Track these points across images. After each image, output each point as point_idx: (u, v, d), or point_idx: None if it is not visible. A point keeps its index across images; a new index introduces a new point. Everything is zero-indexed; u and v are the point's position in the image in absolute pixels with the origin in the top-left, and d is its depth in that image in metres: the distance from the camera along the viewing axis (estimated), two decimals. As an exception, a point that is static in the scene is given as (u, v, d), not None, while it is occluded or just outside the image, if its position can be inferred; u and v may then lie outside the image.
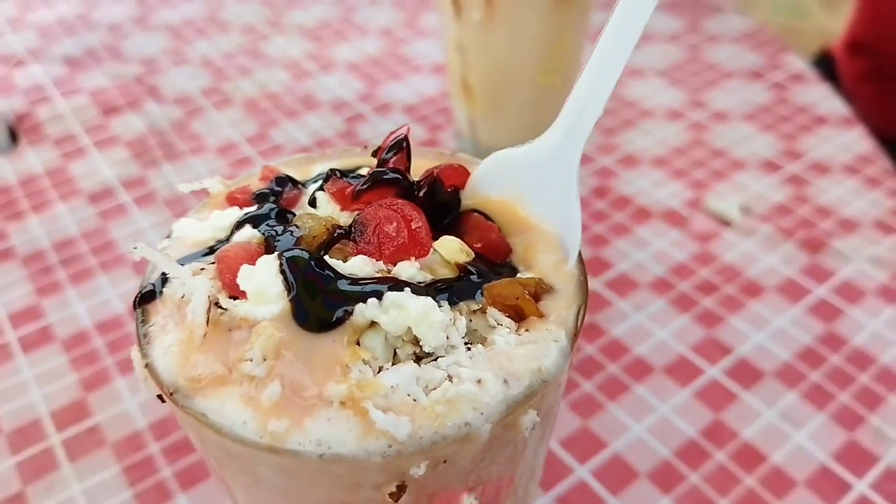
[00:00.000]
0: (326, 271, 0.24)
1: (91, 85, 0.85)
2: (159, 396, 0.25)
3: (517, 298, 0.24)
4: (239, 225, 0.28)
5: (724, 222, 0.66)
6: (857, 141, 0.75)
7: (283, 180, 0.30)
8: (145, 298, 0.26)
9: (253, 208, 0.29)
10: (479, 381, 0.22)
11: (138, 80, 0.86)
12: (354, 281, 0.24)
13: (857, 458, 0.48)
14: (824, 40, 1.52)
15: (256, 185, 0.31)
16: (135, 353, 0.25)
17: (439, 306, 0.24)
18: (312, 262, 0.24)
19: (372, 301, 0.23)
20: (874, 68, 1.29)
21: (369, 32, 0.94)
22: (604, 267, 0.62)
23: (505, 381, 0.22)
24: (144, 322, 0.26)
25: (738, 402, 0.51)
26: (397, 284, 0.24)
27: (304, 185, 0.31)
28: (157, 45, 0.92)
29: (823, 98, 0.81)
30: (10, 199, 0.69)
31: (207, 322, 0.24)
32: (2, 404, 0.52)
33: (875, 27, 1.27)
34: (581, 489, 0.47)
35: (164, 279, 0.27)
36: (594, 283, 0.60)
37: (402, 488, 0.22)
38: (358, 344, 0.23)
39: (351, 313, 0.23)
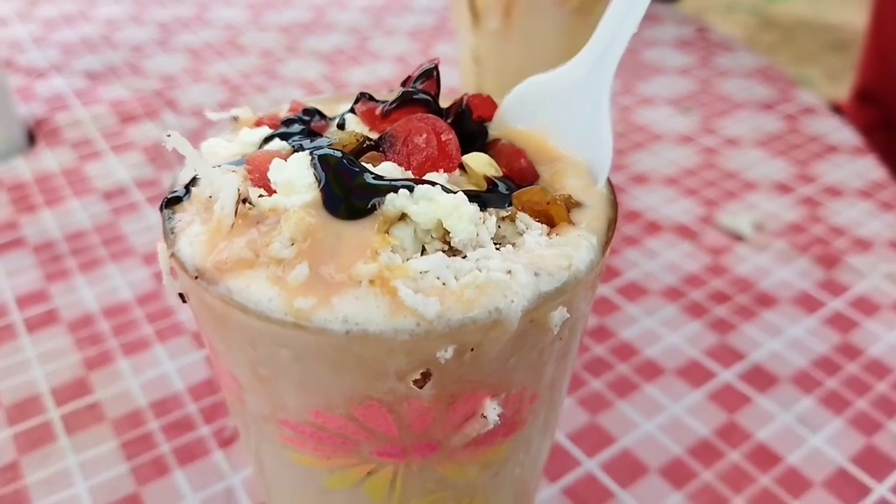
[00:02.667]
0: (357, 168, 0.24)
1: (111, 97, 0.86)
2: (181, 296, 0.25)
3: (548, 203, 0.24)
4: (267, 140, 0.28)
5: (737, 237, 0.66)
6: (870, 169, 0.75)
7: (312, 111, 0.30)
8: (172, 202, 0.26)
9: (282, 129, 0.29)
10: (509, 272, 0.22)
11: (157, 94, 0.87)
12: (384, 179, 0.24)
13: (876, 462, 0.47)
14: (831, 101, 1.54)
15: (285, 115, 0.31)
16: (160, 245, 0.25)
17: None
18: (344, 160, 0.24)
19: (403, 192, 0.23)
20: (884, 117, 1.30)
21: (383, 59, 0.96)
22: (613, 275, 0.61)
23: (536, 274, 0.22)
24: (171, 219, 0.25)
25: (752, 404, 0.50)
26: (428, 183, 0.24)
27: (332, 118, 0.31)
28: (177, 64, 0.94)
29: (835, 129, 0.82)
30: (25, 194, 0.70)
31: (236, 213, 0.23)
32: (2, 380, 0.51)
33: (883, 76, 1.29)
34: (589, 481, 0.45)
35: (191, 184, 0.26)
36: (603, 289, 0.60)
37: (426, 376, 0.22)
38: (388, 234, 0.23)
39: (381, 203, 0.23)
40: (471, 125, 0.28)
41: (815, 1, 2.95)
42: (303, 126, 0.29)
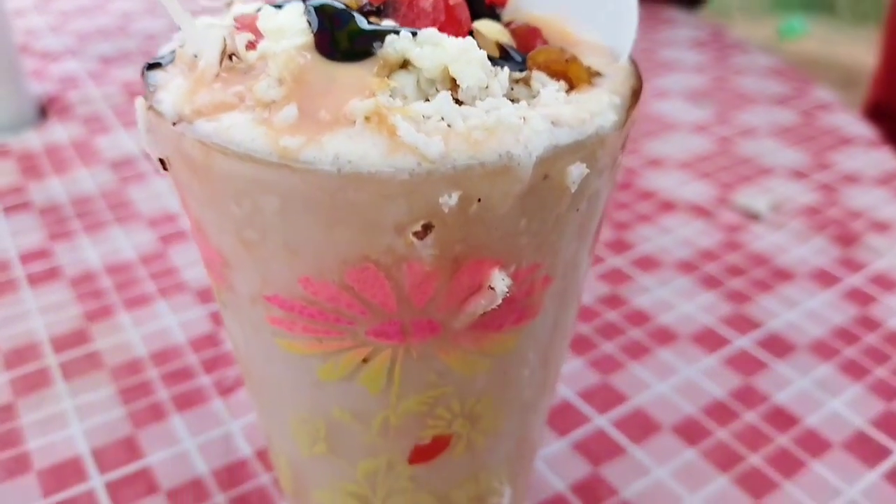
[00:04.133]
0: (354, 14, 0.22)
1: (123, 78, 0.86)
2: (161, 163, 0.24)
3: (567, 61, 0.23)
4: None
5: (753, 217, 0.64)
6: (886, 160, 0.74)
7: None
8: (154, 66, 0.25)
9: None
10: (523, 119, 0.20)
11: (171, 77, 0.87)
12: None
13: (897, 427, 0.45)
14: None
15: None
16: (138, 101, 0.23)
17: None
18: (340, 8, 0.22)
19: (405, 34, 0.22)
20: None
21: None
22: (625, 247, 0.60)
23: (553, 123, 0.20)
24: (151, 77, 0.24)
25: (769, 369, 0.49)
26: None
27: None
28: (192, 52, 0.94)
29: (850, 123, 0.81)
30: (34, 163, 0.69)
31: (220, 63, 0.22)
32: (2, 328, 0.50)
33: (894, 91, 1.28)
34: (600, 437, 0.44)
35: (175, 51, 0.25)
36: (615, 261, 0.58)
37: (428, 228, 0.20)
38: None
39: (381, 46, 0.21)
40: (482, 11, 0.27)
41: (825, 40, 2.96)
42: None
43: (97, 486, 0.40)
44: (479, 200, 0.20)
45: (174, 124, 0.21)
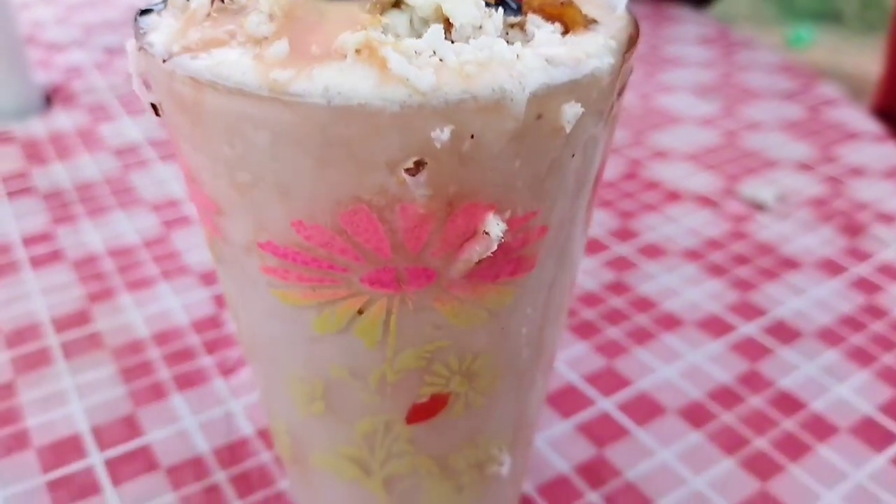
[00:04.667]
0: None
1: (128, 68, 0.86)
2: (153, 108, 0.23)
3: (563, 4, 0.22)
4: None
5: (758, 207, 0.64)
6: (892, 154, 0.73)
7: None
8: (145, 12, 0.24)
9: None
10: (517, 55, 0.20)
11: (176, 69, 0.87)
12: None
13: (905, 413, 0.44)
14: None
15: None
16: (129, 43, 0.23)
17: None
18: None
19: None
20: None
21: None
22: (630, 235, 0.60)
23: (547, 61, 0.20)
24: (143, 22, 0.23)
25: (775, 355, 0.48)
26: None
27: None
28: (197, 45, 0.94)
29: (857, 119, 0.81)
30: (37, 150, 0.69)
31: (212, 3, 0.22)
32: (3, 309, 0.50)
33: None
34: (604, 419, 0.43)
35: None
36: (620, 248, 0.58)
37: (420, 164, 0.19)
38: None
39: None
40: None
41: (833, 50, 2.96)
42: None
43: (96, 463, 0.40)
44: (472, 137, 0.19)
45: (164, 62, 0.21)
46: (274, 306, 0.23)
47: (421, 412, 0.25)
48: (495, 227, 0.20)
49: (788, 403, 0.45)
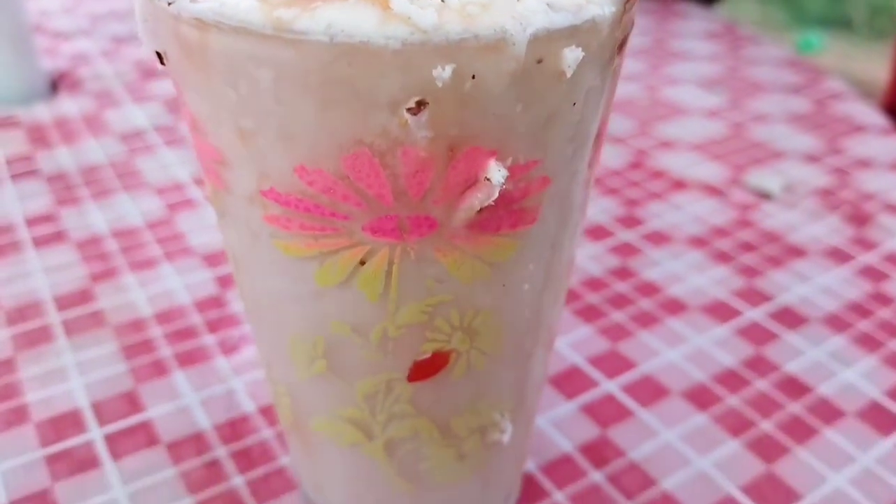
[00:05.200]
0: None
1: (136, 57, 0.87)
2: (158, 56, 0.23)
3: None
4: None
5: (765, 196, 0.64)
6: (901, 146, 0.73)
7: None
8: None
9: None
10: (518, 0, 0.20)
11: (182, 58, 0.87)
12: None
13: (912, 398, 0.44)
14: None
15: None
16: None
17: None
18: None
19: None
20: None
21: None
22: (636, 223, 0.59)
23: (548, 5, 0.20)
24: None
25: (781, 340, 0.48)
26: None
27: None
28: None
29: (863, 112, 0.80)
30: (43, 134, 0.69)
31: None
32: (5, 286, 0.50)
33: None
34: (608, 401, 0.43)
35: None
36: (624, 235, 0.58)
37: (421, 104, 0.19)
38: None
39: None
40: None
41: (843, 55, 2.95)
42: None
43: (96, 438, 0.40)
44: (473, 77, 0.19)
45: (170, 4, 0.21)
46: (276, 259, 0.23)
47: (422, 370, 0.24)
48: (497, 173, 0.20)
49: (795, 387, 0.44)
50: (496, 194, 0.20)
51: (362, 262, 0.22)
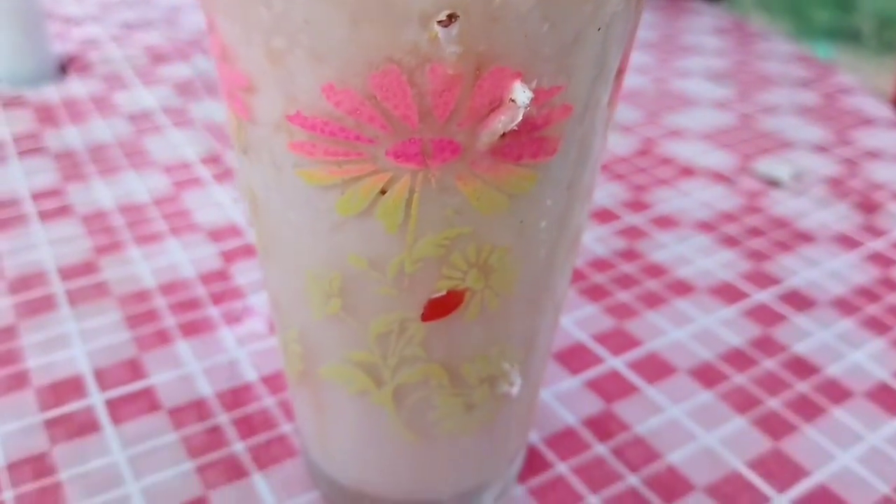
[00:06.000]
0: None
1: (146, 42, 0.87)
2: None
3: None
4: None
5: (773, 183, 0.63)
6: (911, 138, 0.73)
7: None
8: None
9: None
10: None
11: (191, 43, 0.87)
12: None
13: (921, 380, 0.43)
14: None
15: None
16: None
17: None
18: None
19: None
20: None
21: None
22: (643, 207, 0.59)
23: None
24: None
25: (789, 322, 0.47)
26: None
27: None
28: (212, 23, 0.95)
29: (872, 105, 0.80)
30: (50, 114, 0.69)
31: None
32: (8, 257, 0.50)
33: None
34: (613, 377, 0.43)
35: None
36: (631, 219, 0.57)
37: (452, 17, 0.19)
38: None
39: None
40: None
41: (851, 68, 2.95)
42: None
43: (97, 403, 0.39)
44: None
45: None
46: (298, 190, 0.23)
47: (437, 308, 0.24)
48: (522, 94, 0.20)
49: (802, 367, 0.44)
50: (520, 117, 0.20)
51: (383, 192, 0.22)
